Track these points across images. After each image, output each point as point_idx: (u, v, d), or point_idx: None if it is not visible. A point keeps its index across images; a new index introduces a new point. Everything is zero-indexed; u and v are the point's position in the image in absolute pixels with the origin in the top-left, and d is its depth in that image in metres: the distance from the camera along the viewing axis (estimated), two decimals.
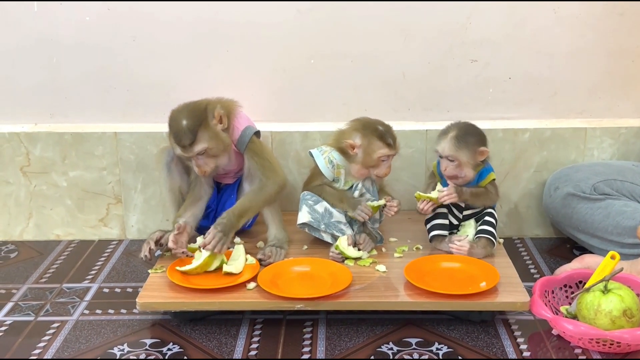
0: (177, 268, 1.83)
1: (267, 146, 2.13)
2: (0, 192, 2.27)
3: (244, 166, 2.02)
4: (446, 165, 1.93)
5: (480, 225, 1.97)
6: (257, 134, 2.00)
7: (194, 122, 1.85)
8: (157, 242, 1.96)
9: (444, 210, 1.99)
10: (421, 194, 1.95)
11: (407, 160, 2.24)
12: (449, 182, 1.95)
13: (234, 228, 1.87)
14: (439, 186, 1.96)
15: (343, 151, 1.96)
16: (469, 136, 1.92)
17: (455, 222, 2.01)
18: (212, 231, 1.83)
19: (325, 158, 1.97)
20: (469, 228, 1.98)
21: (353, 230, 1.98)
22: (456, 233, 2.00)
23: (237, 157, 2.01)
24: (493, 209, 2.00)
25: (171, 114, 1.89)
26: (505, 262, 1.90)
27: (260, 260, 1.90)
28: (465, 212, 2.00)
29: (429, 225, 1.99)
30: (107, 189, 2.27)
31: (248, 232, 2.11)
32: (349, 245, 1.92)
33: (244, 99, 2.04)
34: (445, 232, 1.98)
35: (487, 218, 1.97)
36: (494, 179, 1.98)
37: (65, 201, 2.28)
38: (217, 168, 1.94)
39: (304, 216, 1.97)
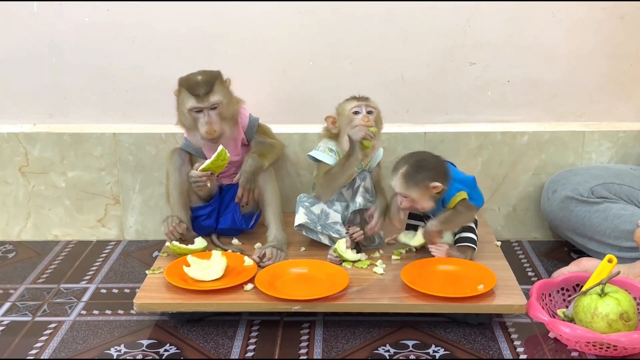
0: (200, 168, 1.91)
1: None
2: None
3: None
4: (401, 200, 1.90)
5: (458, 232, 1.95)
6: None
7: (210, 76, 1.94)
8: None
9: (422, 223, 1.99)
10: (403, 239, 1.95)
11: None
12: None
13: (261, 167, 1.98)
14: (420, 232, 1.93)
15: (333, 136, 1.99)
16: (419, 173, 1.85)
17: None
18: (242, 179, 1.96)
19: (324, 151, 1.99)
20: (447, 236, 1.96)
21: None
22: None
23: (242, 148, 2.04)
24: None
25: (181, 78, 1.95)
26: (502, 265, 1.90)
27: (258, 261, 1.90)
28: None
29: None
30: (106, 189, 2.27)
31: (250, 233, 2.11)
32: (347, 248, 1.92)
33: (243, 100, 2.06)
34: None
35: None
36: (464, 199, 1.90)
37: (64, 201, 2.28)
38: (223, 135, 1.95)
39: (300, 217, 1.97)
